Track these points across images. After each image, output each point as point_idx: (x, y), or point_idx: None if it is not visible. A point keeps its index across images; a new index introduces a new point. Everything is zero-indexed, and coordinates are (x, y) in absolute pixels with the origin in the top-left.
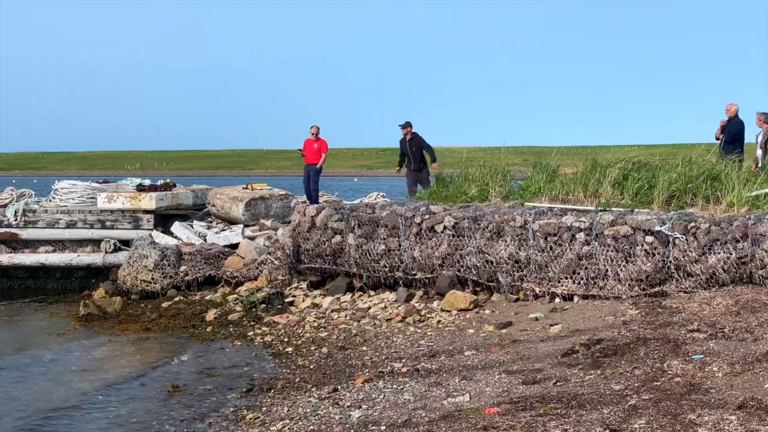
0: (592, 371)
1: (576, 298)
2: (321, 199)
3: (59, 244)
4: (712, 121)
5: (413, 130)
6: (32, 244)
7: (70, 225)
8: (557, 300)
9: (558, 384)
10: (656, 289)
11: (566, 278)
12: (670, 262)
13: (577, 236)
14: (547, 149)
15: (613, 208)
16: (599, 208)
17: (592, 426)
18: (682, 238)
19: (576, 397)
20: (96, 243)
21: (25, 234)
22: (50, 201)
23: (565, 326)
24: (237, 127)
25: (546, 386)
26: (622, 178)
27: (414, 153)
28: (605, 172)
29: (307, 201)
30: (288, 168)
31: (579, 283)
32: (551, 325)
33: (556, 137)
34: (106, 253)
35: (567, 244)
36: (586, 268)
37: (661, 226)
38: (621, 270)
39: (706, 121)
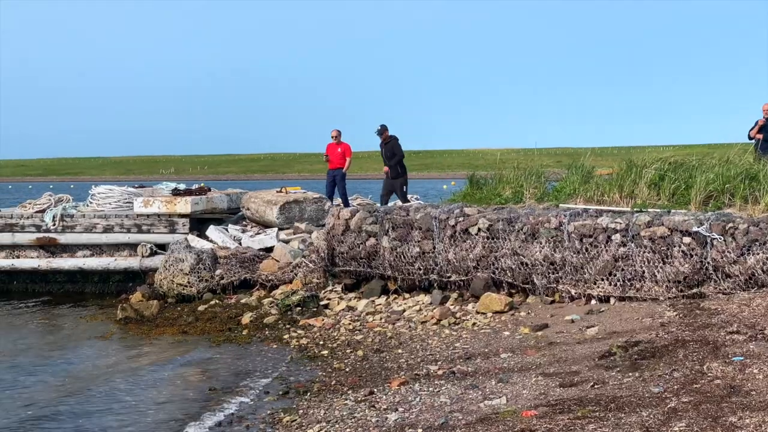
0: (630, 374)
1: (612, 300)
2: (354, 203)
3: (97, 249)
4: (745, 120)
5: (390, 134)
6: (70, 249)
7: (107, 229)
8: (593, 302)
9: (596, 386)
10: (694, 290)
11: (602, 280)
12: (708, 263)
13: (613, 237)
14: (581, 150)
15: (649, 209)
16: (635, 209)
17: (631, 429)
18: (720, 239)
19: (614, 399)
20: (132, 247)
21: (64, 239)
22: (87, 206)
23: (601, 328)
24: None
25: (583, 389)
26: (658, 179)
27: (390, 158)
28: (641, 173)
29: (340, 204)
30: (322, 171)
31: (615, 285)
32: (588, 327)
33: (589, 138)
34: (143, 257)
35: (603, 246)
36: (623, 270)
37: (698, 227)
38: (658, 271)
39: (741, 121)
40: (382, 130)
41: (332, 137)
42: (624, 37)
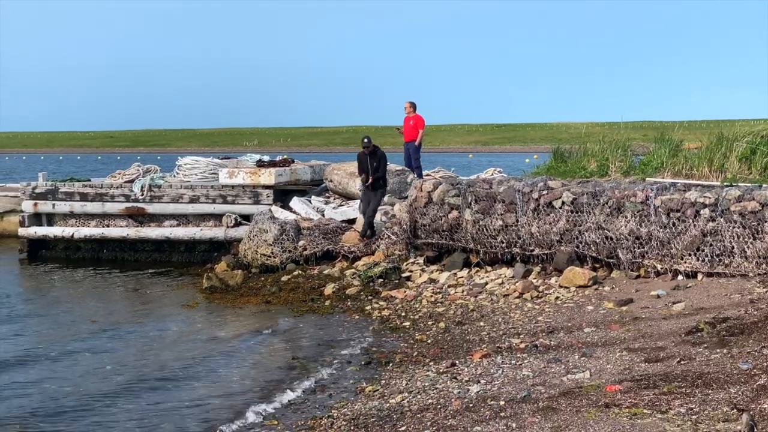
0: (717, 350)
1: (700, 276)
2: (437, 175)
3: (183, 219)
4: None
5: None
6: (158, 219)
7: (193, 200)
8: (680, 277)
9: (682, 362)
10: None
11: (689, 255)
12: None
13: (701, 212)
14: (669, 124)
15: (739, 183)
16: (725, 184)
17: (718, 405)
18: None
19: (701, 375)
20: (218, 217)
21: (151, 209)
22: (174, 176)
23: (688, 304)
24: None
25: (669, 364)
26: (749, 153)
27: (375, 170)
28: (732, 146)
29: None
30: (403, 144)
31: (703, 261)
32: (674, 303)
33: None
34: (228, 227)
35: (691, 221)
36: (711, 245)
37: None
38: (748, 247)
39: None
40: (368, 144)
41: (405, 110)
42: (714, 3)
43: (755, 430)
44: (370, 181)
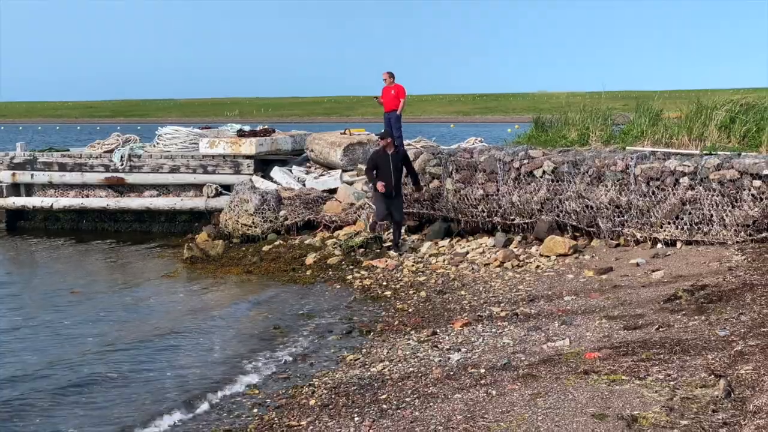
0: (696, 317)
1: (679, 244)
2: (418, 145)
3: (163, 189)
4: None
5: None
6: (138, 189)
7: (174, 170)
8: (659, 246)
9: (661, 329)
10: (764, 234)
11: (669, 223)
12: None
13: (680, 181)
14: (649, 93)
15: (719, 152)
16: (704, 152)
17: (696, 371)
18: None
19: (679, 342)
20: (198, 187)
21: (131, 178)
22: (154, 146)
23: (667, 272)
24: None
25: (648, 332)
26: (728, 121)
27: (395, 172)
28: (711, 115)
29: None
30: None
31: (682, 229)
32: (653, 271)
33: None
34: (208, 197)
35: (670, 189)
36: (690, 213)
37: None
38: (727, 215)
39: None
40: (385, 135)
41: (384, 80)
42: None
43: (732, 395)
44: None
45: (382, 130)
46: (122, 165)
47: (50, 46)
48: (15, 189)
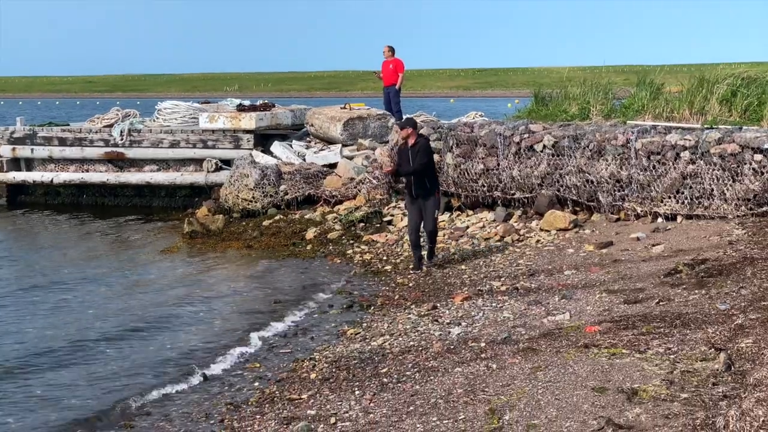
0: (696, 291)
1: (679, 218)
2: (418, 119)
3: (163, 164)
4: None
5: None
6: (138, 164)
7: (174, 144)
8: (660, 220)
9: (661, 303)
10: (764, 208)
11: (669, 198)
12: None
13: (681, 155)
14: (650, 68)
15: (720, 126)
16: (705, 126)
17: (696, 345)
18: None
19: (680, 316)
20: (198, 162)
21: (131, 153)
22: (154, 121)
23: (667, 246)
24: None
25: (648, 305)
26: (730, 95)
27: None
28: (712, 89)
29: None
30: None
31: (683, 203)
32: (653, 245)
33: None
34: (208, 172)
35: (671, 163)
36: (691, 188)
37: None
38: (727, 189)
39: None
40: (406, 125)
41: (384, 54)
42: None
43: (732, 368)
44: (391, 170)
45: (402, 118)
46: (122, 140)
47: (49, 20)
48: (15, 164)
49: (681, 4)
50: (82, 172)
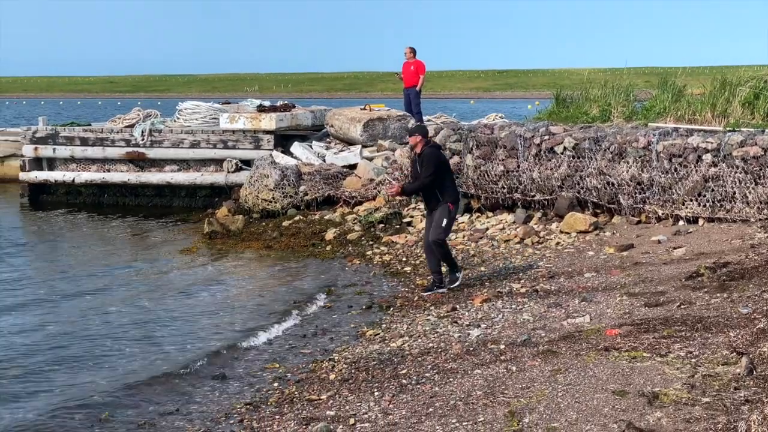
0: (718, 294)
1: (701, 221)
2: (438, 120)
3: (183, 164)
4: None
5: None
6: (158, 164)
7: (194, 145)
8: (681, 223)
9: (682, 307)
10: None
11: (691, 200)
12: None
13: (703, 157)
14: (672, 70)
15: (742, 129)
16: (728, 129)
17: (717, 349)
18: None
19: (701, 320)
20: (218, 162)
21: (152, 153)
22: (175, 121)
23: (689, 249)
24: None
25: (669, 309)
26: (752, 97)
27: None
28: (735, 91)
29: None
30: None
31: (704, 206)
32: (675, 248)
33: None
34: (228, 172)
35: (693, 166)
36: (713, 191)
37: None
38: (749, 192)
39: None
40: (415, 132)
41: (405, 55)
42: None
43: (754, 372)
44: (395, 190)
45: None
46: (143, 140)
47: (71, 21)
48: (37, 163)
49: (703, 5)
50: (104, 171)
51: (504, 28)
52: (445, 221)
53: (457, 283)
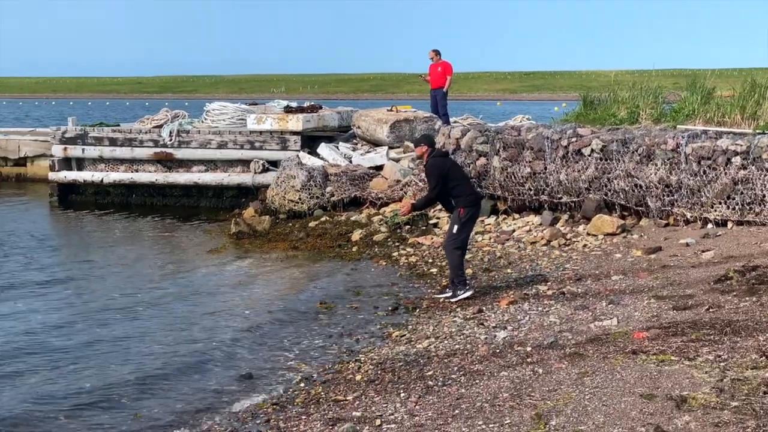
0: (747, 298)
1: (730, 224)
2: (465, 122)
3: (211, 164)
4: None
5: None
6: (186, 164)
7: (221, 145)
8: (709, 226)
9: (711, 310)
10: None
11: (720, 203)
12: None
13: (732, 160)
14: (701, 72)
15: None
16: (757, 131)
17: (747, 352)
18: None
19: (730, 323)
20: (245, 163)
21: (180, 154)
22: (202, 122)
23: (717, 252)
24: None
25: (698, 312)
26: None
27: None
28: (765, 93)
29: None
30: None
31: (733, 209)
32: (703, 251)
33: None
34: (255, 173)
35: (722, 168)
36: (742, 193)
37: None
38: None
39: None
40: (421, 142)
41: (431, 58)
42: None
43: None
44: (406, 209)
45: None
46: (171, 140)
47: (100, 22)
48: (66, 163)
49: (734, 6)
50: (132, 172)
51: (531, 29)
52: (455, 227)
53: (449, 296)
